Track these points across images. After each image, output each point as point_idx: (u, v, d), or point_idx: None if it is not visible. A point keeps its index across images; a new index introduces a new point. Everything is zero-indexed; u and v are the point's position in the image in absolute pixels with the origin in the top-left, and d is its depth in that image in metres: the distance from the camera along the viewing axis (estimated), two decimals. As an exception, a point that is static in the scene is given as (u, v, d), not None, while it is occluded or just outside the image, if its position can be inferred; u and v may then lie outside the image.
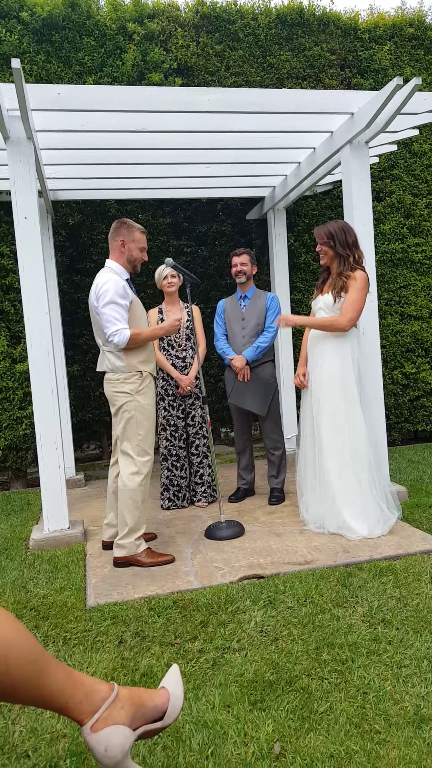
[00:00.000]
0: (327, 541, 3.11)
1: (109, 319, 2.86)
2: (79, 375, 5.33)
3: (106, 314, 2.86)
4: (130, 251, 3.02)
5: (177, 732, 1.67)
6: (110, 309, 2.86)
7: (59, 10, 4.82)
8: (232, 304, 4.03)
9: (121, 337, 2.85)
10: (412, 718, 1.67)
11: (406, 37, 5.77)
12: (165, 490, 4.00)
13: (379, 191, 5.77)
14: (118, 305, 2.88)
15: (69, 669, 1.25)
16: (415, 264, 5.86)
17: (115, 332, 2.85)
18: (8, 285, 4.89)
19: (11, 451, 4.96)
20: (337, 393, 3.23)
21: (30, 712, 1.82)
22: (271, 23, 5.39)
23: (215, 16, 5.27)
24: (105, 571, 2.92)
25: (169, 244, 5.46)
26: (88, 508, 4.21)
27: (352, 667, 1.93)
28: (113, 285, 2.88)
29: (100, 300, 2.87)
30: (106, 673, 1.99)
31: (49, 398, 3.39)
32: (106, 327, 2.87)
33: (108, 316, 2.86)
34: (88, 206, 5.23)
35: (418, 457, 5.18)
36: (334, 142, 3.92)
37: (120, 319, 2.87)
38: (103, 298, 2.86)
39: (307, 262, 5.67)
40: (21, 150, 3.27)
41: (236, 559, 2.94)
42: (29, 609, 2.53)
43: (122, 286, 2.91)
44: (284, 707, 1.74)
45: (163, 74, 5.08)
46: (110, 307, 2.86)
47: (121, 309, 2.89)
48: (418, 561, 2.77)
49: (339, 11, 5.62)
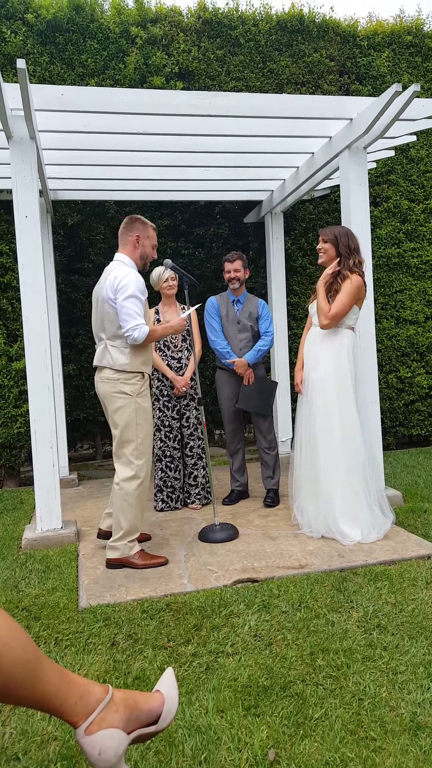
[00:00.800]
0: (322, 546, 3.10)
1: (130, 313, 2.80)
2: (74, 374, 5.31)
3: (126, 307, 2.80)
4: (143, 247, 3.00)
5: (170, 737, 1.65)
6: (131, 303, 2.81)
7: (64, 12, 4.82)
8: (227, 307, 4.02)
9: (140, 332, 2.81)
10: (408, 725, 1.66)
11: (404, 44, 5.80)
12: (159, 491, 3.98)
13: (377, 196, 5.80)
14: (139, 300, 2.84)
15: (63, 670, 1.24)
16: (411, 269, 5.88)
17: (135, 327, 2.80)
18: (6, 283, 4.87)
19: (5, 449, 4.93)
20: (332, 396, 3.23)
21: (20, 714, 1.80)
22: (272, 29, 5.41)
23: (217, 21, 5.29)
24: (98, 572, 2.90)
25: (166, 246, 5.46)
26: (81, 508, 4.18)
27: (347, 673, 1.92)
28: (134, 279, 2.84)
29: (120, 293, 2.81)
30: (98, 676, 1.97)
31: (45, 397, 3.37)
32: (126, 321, 2.80)
33: (129, 310, 2.80)
34: (87, 207, 5.23)
35: (412, 461, 5.19)
36: (333, 147, 3.93)
37: (140, 313, 2.83)
38: (124, 291, 2.81)
39: (303, 265, 5.69)
40: (23, 149, 3.27)
41: (230, 563, 2.93)
42: (21, 609, 2.51)
43: (142, 282, 2.90)
44: (278, 713, 1.73)
45: (165, 78, 5.09)
46: (131, 301, 2.81)
47: (140, 304, 2.85)
48: (413, 566, 2.77)
49: (338, 18, 5.65)
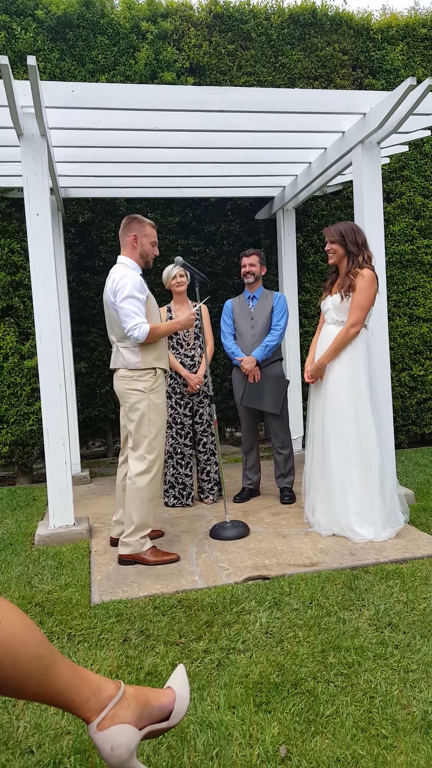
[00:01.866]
0: (333, 543, 3.09)
1: (128, 314, 2.82)
2: (86, 372, 5.34)
3: (124, 308, 2.83)
4: (142, 246, 3.00)
5: (182, 732, 1.66)
6: (128, 303, 2.83)
7: (74, 8, 4.82)
8: (241, 304, 4.03)
9: (140, 331, 2.82)
10: (420, 723, 1.65)
11: (418, 37, 5.74)
12: (170, 488, 3.99)
13: (390, 192, 5.75)
14: (137, 299, 2.85)
15: (76, 666, 1.25)
16: (425, 266, 5.83)
17: (135, 326, 2.82)
18: (18, 281, 4.90)
19: (18, 446, 4.97)
20: (346, 394, 3.21)
21: (34, 708, 1.81)
22: (284, 23, 5.37)
23: (228, 15, 5.26)
24: (110, 569, 2.91)
25: (177, 243, 5.46)
26: (93, 505, 4.21)
27: (359, 671, 1.92)
28: (131, 279, 2.86)
29: (118, 294, 2.84)
30: (110, 671, 1.99)
31: (58, 395, 3.39)
32: (125, 321, 2.83)
33: (126, 311, 2.82)
34: (98, 204, 5.24)
35: (425, 460, 5.15)
36: (346, 142, 3.90)
37: (139, 313, 2.84)
38: (122, 292, 2.83)
39: (315, 262, 5.66)
40: (35, 147, 3.28)
41: (241, 560, 2.93)
42: (34, 605, 2.53)
43: (140, 281, 2.90)
44: (290, 710, 1.73)
45: (176, 73, 5.08)
46: (128, 301, 2.83)
47: (139, 303, 2.86)
48: (425, 565, 2.75)
49: (352, 11, 5.60)
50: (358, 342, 3.25)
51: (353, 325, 3.20)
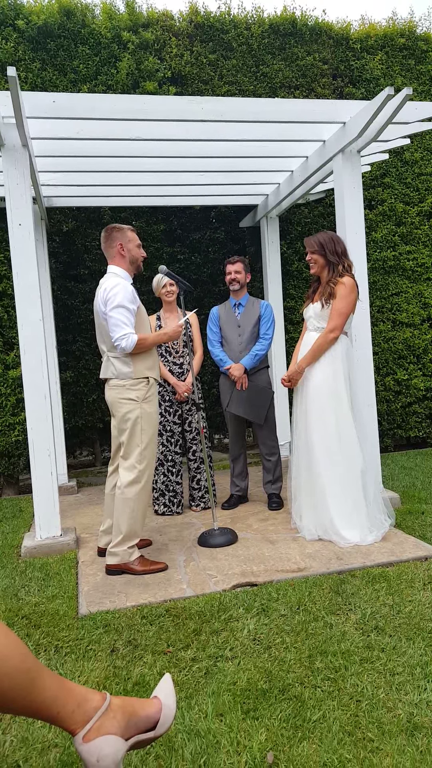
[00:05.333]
0: (320, 548, 3.11)
1: (117, 323, 2.83)
2: (72, 381, 5.32)
3: (113, 318, 2.83)
4: (129, 252, 3.02)
5: (169, 741, 1.66)
6: (118, 313, 2.84)
7: (55, 18, 4.84)
8: (227, 312, 4.05)
9: (128, 341, 2.83)
10: (405, 725, 1.67)
11: (397, 47, 5.84)
12: (161, 496, 3.99)
13: (371, 199, 5.82)
14: (127, 309, 2.86)
15: (61, 678, 1.25)
16: (407, 271, 5.90)
17: (123, 336, 2.82)
18: (2, 291, 4.88)
19: (3, 457, 4.93)
20: (326, 400, 3.24)
21: (21, 722, 1.80)
22: (264, 33, 5.44)
23: (209, 25, 5.31)
24: (97, 579, 2.90)
25: (162, 251, 5.48)
26: (81, 515, 4.19)
27: (345, 675, 1.93)
28: (122, 289, 2.87)
29: (109, 304, 2.85)
30: (98, 682, 1.98)
31: (42, 405, 3.38)
32: (114, 331, 2.84)
33: (116, 320, 2.83)
34: (82, 213, 5.24)
35: (410, 463, 5.20)
36: (327, 151, 3.95)
37: (127, 323, 2.85)
38: (112, 302, 2.84)
39: (299, 269, 5.70)
40: (16, 157, 3.28)
41: (229, 567, 2.93)
42: (20, 617, 2.51)
43: (131, 291, 2.92)
44: (277, 716, 1.74)
45: (158, 83, 5.11)
46: (118, 311, 2.84)
47: (129, 313, 2.87)
48: (410, 568, 2.78)
49: (331, 21, 5.68)
50: (337, 348, 3.28)
51: (331, 331, 3.24)
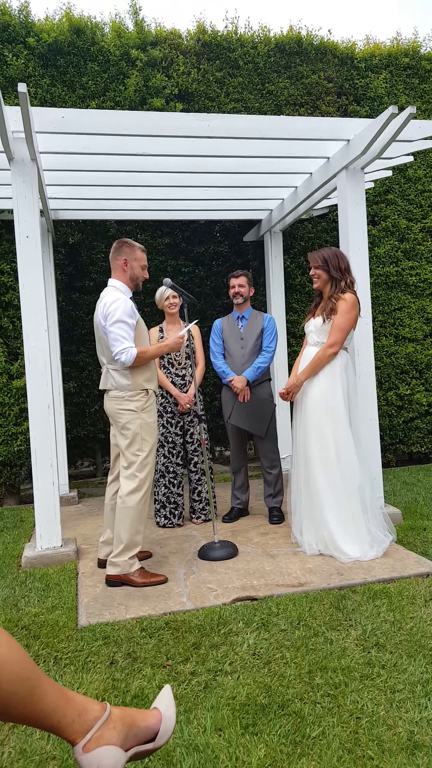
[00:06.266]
0: (321, 563, 3.10)
1: (117, 338, 2.88)
2: (75, 392, 5.34)
3: (113, 333, 2.88)
4: (132, 269, 3.07)
5: (168, 755, 1.65)
6: (117, 327, 2.88)
7: (65, 36, 4.94)
8: (230, 324, 4.07)
9: (128, 355, 2.87)
10: (406, 744, 1.65)
11: (401, 66, 5.92)
12: (162, 508, 3.98)
13: (374, 215, 5.87)
14: (126, 324, 2.91)
15: (62, 688, 1.25)
16: (410, 287, 5.93)
17: (122, 350, 2.87)
18: (7, 302, 4.92)
19: (5, 467, 4.94)
20: (324, 415, 3.25)
21: (19, 733, 1.79)
22: (270, 51, 5.53)
23: (216, 44, 5.41)
24: (97, 591, 2.90)
25: (167, 264, 5.53)
26: (81, 526, 4.18)
27: (345, 692, 1.92)
28: (122, 304, 2.91)
29: (108, 318, 2.89)
30: (97, 694, 1.97)
31: (46, 415, 3.39)
32: (113, 345, 2.89)
33: (115, 335, 2.88)
34: (88, 226, 5.30)
35: (412, 479, 5.19)
36: (331, 167, 4.00)
37: (127, 337, 2.90)
38: (112, 316, 2.89)
39: (302, 283, 5.74)
40: (25, 171, 3.33)
41: (229, 581, 2.92)
42: (20, 627, 2.51)
43: (130, 305, 2.96)
44: (276, 731, 1.73)
45: (165, 99, 5.19)
46: (118, 326, 2.89)
47: (128, 328, 2.92)
48: (412, 584, 2.77)
49: (336, 41, 5.77)
50: (336, 363, 3.30)
51: (331, 346, 3.25)
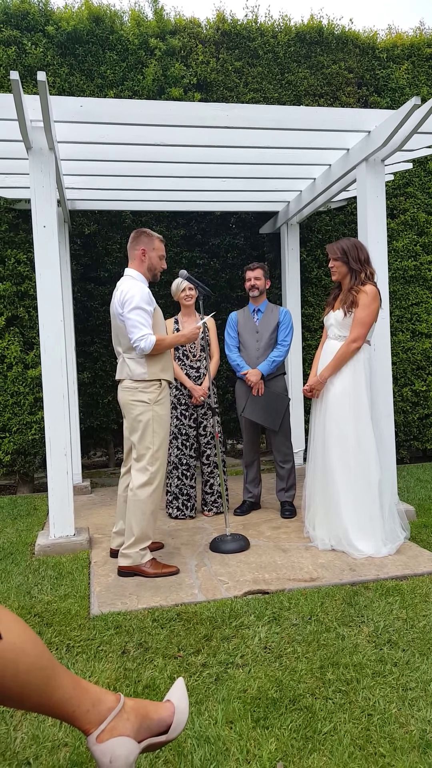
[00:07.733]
0: (333, 559, 3.09)
1: (135, 324, 2.87)
2: (89, 382, 5.36)
3: (132, 319, 2.87)
4: (150, 260, 3.05)
5: (179, 747, 1.65)
6: (136, 314, 2.87)
7: (84, 24, 4.91)
8: (246, 317, 4.05)
9: (147, 342, 2.86)
10: (418, 742, 1.65)
11: (423, 56, 5.82)
12: (174, 499, 4.00)
13: (393, 208, 5.80)
14: (144, 311, 2.89)
15: (76, 677, 1.26)
16: (428, 281, 5.86)
17: (141, 337, 2.86)
18: (23, 291, 4.94)
19: (19, 455, 4.98)
20: (347, 409, 3.22)
21: (32, 719, 1.81)
22: (291, 41, 5.46)
23: (235, 33, 5.34)
24: (109, 580, 2.91)
25: (182, 255, 5.51)
26: (94, 515, 4.21)
27: (357, 688, 1.91)
28: (139, 291, 2.90)
29: (126, 306, 2.88)
30: (108, 683, 1.99)
31: (60, 405, 3.41)
32: (132, 332, 2.87)
33: (134, 321, 2.87)
34: (104, 216, 5.29)
35: (427, 476, 5.15)
36: (350, 159, 3.95)
37: (146, 324, 2.89)
38: (129, 303, 2.87)
39: (319, 276, 5.69)
40: (43, 160, 3.33)
41: (241, 574, 2.93)
42: (33, 615, 2.53)
43: (147, 293, 2.94)
44: (287, 726, 1.73)
45: (183, 89, 5.15)
46: (136, 312, 2.87)
47: (146, 315, 2.90)
48: (425, 582, 2.75)
49: (358, 30, 5.68)
50: (360, 357, 3.26)
51: (354, 341, 3.22)
